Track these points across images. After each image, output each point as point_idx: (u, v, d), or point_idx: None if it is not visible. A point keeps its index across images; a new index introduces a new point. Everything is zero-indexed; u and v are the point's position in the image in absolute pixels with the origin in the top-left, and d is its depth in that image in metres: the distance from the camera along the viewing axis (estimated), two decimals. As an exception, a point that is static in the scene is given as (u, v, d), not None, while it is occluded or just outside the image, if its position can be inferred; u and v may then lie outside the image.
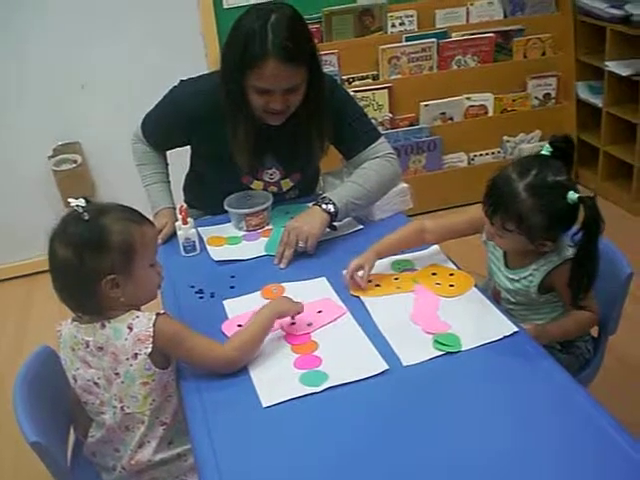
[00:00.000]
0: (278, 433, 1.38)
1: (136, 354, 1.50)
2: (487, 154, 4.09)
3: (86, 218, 1.49)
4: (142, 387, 1.52)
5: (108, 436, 1.60)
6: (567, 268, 1.69)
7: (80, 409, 1.65)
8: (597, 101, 3.97)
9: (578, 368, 1.87)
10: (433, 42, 3.83)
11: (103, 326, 1.52)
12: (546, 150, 1.69)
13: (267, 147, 2.17)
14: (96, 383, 1.56)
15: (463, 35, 3.88)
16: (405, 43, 3.83)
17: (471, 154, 4.07)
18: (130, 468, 1.59)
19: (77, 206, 1.50)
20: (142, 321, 1.50)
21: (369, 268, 1.82)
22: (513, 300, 1.85)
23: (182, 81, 2.18)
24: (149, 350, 1.49)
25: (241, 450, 1.35)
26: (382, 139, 2.23)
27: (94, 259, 1.47)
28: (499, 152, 4.09)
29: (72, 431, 1.76)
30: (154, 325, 1.49)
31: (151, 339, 1.49)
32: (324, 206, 2.03)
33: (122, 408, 1.55)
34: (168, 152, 2.37)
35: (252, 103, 1.99)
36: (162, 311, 1.54)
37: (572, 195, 1.60)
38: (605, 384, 1.94)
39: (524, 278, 1.79)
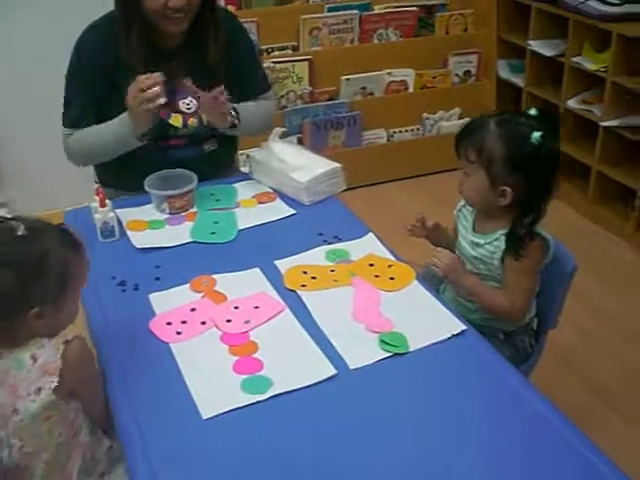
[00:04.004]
0: (221, 447, 1.28)
1: (39, 388, 1.30)
2: (406, 131, 4.02)
3: (20, 234, 1.28)
4: (44, 423, 1.33)
5: (4, 476, 1.38)
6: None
7: None
8: (518, 80, 3.96)
9: (520, 362, 1.82)
10: (355, 14, 3.73)
11: (0, 356, 1.32)
12: (532, 111, 1.68)
13: (178, 75, 2.08)
14: None
15: (386, 8, 3.79)
16: (327, 14, 3.70)
17: (390, 130, 4.00)
18: None
19: (7, 217, 1.31)
20: (48, 351, 1.30)
21: (430, 224, 1.91)
22: (473, 270, 1.79)
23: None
24: (54, 384, 1.29)
25: (182, 467, 1.24)
26: (271, 91, 2.38)
27: (26, 285, 1.26)
28: (418, 129, 4.04)
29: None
30: (62, 356, 1.30)
31: (58, 371, 1.29)
32: None
33: (21, 447, 1.34)
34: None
35: (150, 6, 1.94)
36: (71, 337, 1.34)
37: (536, 134, 1.59)
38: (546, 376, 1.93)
39: (489, 243, 1.74)
